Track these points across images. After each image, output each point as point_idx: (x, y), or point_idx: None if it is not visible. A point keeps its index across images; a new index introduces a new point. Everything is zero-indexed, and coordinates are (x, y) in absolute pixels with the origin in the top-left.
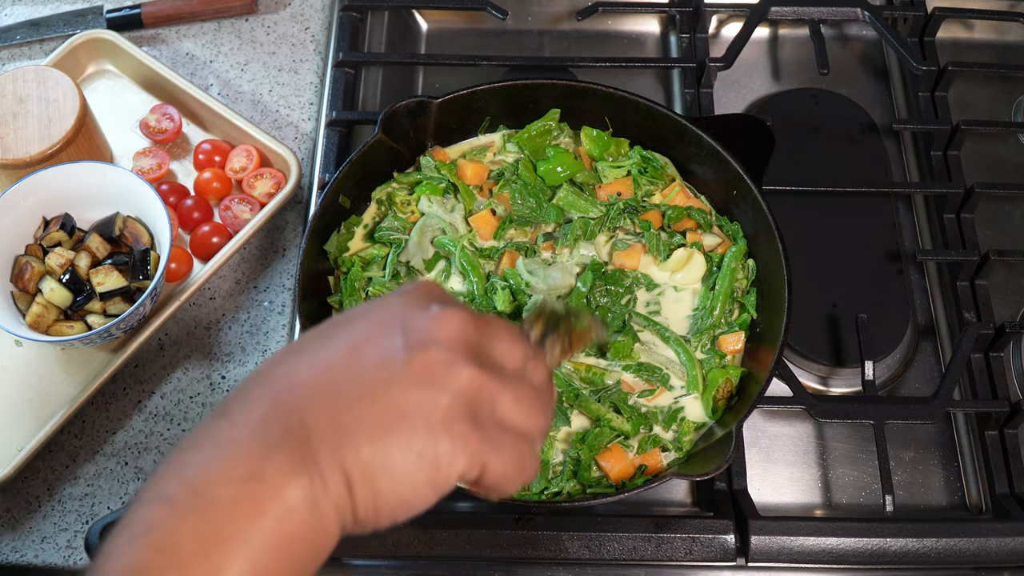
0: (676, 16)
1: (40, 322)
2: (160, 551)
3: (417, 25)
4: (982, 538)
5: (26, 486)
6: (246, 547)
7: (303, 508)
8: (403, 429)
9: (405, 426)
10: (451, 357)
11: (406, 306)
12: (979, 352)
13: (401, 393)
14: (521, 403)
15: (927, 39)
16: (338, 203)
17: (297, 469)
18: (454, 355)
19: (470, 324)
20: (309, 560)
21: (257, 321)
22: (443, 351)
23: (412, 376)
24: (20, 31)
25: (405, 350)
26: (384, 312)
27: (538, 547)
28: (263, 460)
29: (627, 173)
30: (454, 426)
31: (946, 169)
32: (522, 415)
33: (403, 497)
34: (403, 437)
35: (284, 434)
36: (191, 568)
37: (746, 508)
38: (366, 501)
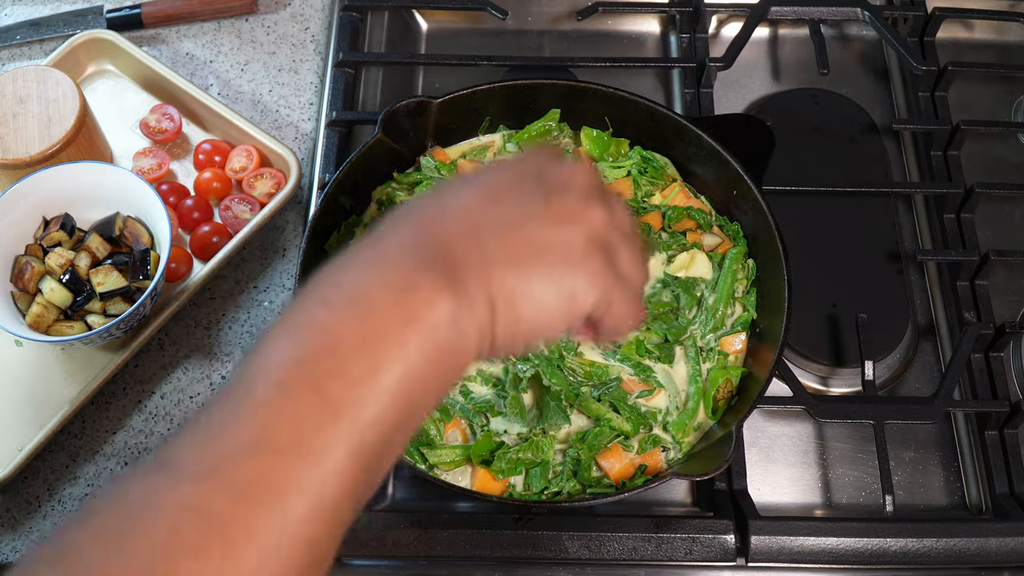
0: (676, 16)
1: (40, 322)
2: (322, 345)
3: (417, 25)
4: (982, 538)
5: (26, 486)
6: (402, 348)
7: (449, 323)
8: (545, 261)
9: (547, 258)
10: (585, 200)
11: (540, 159)
12: (979, 352)
13: (543, 229)
14: (635, 255)
15: (927, 39)
16: (338, 203)
17: (447, 287)
18: (587, 199)
19: (597, 179)
20: (450, 372)
21: (257, 321)
22: (577, 195)
23: (553, 214)
24: (20, 31)
25: (544, 192)
26: (520, 164)
27: (538, 547)
28: (417, 275)
29: (627, 174)
30: (590, 262)
31: (946, 169)
32: (635, 266)
33: (540, 323)
34: (545, 268)
35: (434, 256)
36: (351, 363)
37: (746, 508)
38: (507, 325)
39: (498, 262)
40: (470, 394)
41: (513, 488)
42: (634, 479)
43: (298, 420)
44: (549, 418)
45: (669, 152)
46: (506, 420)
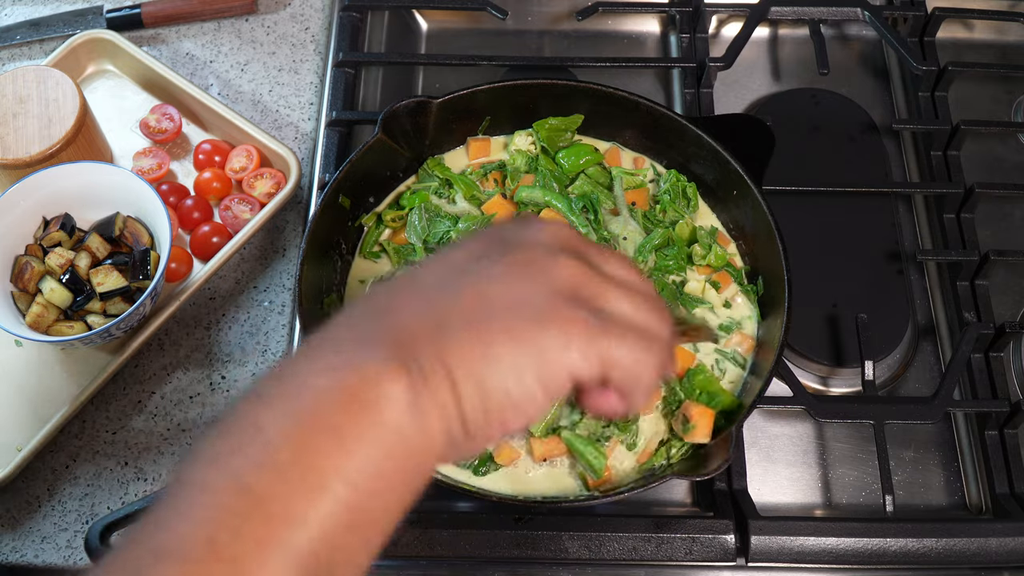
0: (676, 16)
1: (40, 322)
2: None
3: (417, 25)
4: (982, 538)
5: (26, 486)
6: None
7: (404, 408)
8: (505, 320)
9: (507, 317)
10: (552, 253)
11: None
12: (979, 352)
13: (502, 286)
14: (637, 303)
15: (927, 39)
16: (338, 203)
17: (394, 362)
18: (557, 251)
19: (574, 234)
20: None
21: (257, 321)
22: (541, 246)
23: (512, 270)
24: (20, 31)
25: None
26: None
27: (538, 547)
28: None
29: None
30: (559, 312)
31: (946, 169)
32: (640, 313)
33: (511, 396)
34: (506, 327)
35: (380, 330)
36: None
37: (746, 508)
38: (473, 401)
39: (453, 328)
40: None
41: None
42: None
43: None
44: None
45: (668, 152)
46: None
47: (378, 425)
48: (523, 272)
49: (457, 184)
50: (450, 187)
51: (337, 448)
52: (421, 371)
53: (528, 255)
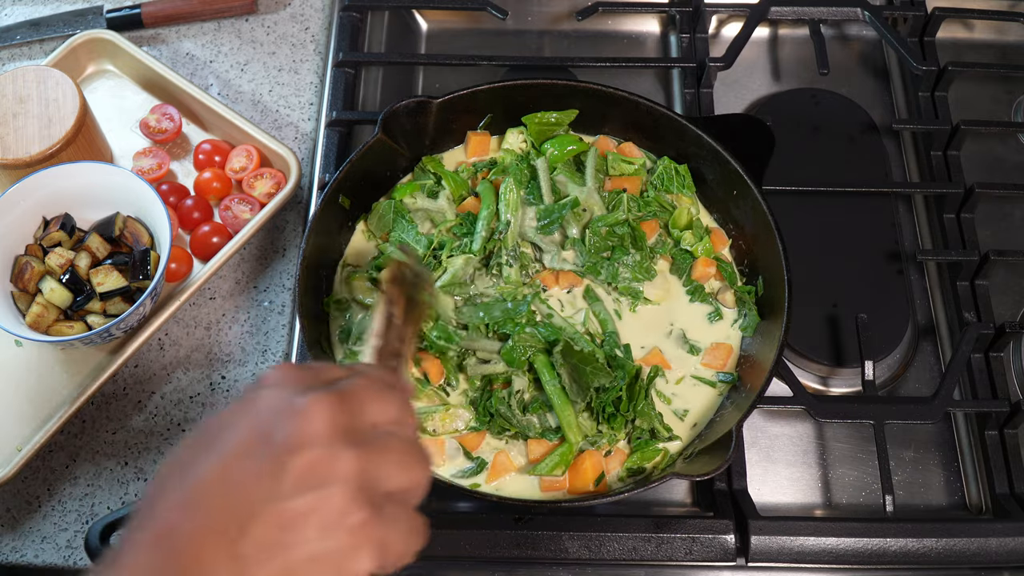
0: (676, 16)
1: (40, 322)
2: None
3: (417, 25)
4: (982, 538)
5: (26, 486)
6: None
7: None
8: (299, 540)
9: (300, 537)
10: (328, 450)
11: (272, 405)
12: (979, 352)
13: (289, 504)
14: (405, 463)
15: (927, 39)
16: (338, 203)
17: None
18: (331, 446)
19: (337, 406)
20: None
21: (257, 321)
22: (319, 448)
23: (295, 483)
24: (20, 31)
25: (280, 457)
26: (253, 417)
27: (538, 547)
28: None
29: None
30: (349, 519)
31: (946, 169)
32: (410, 475)
33: None
34: (301, 547)
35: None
36: None
37: (746, 508)
38: None
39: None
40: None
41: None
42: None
43: None
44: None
45: (668, 152)
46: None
47: None
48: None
49: (447, 181)
50: (440, 183)
51: None
52: None
53: (309, 458)
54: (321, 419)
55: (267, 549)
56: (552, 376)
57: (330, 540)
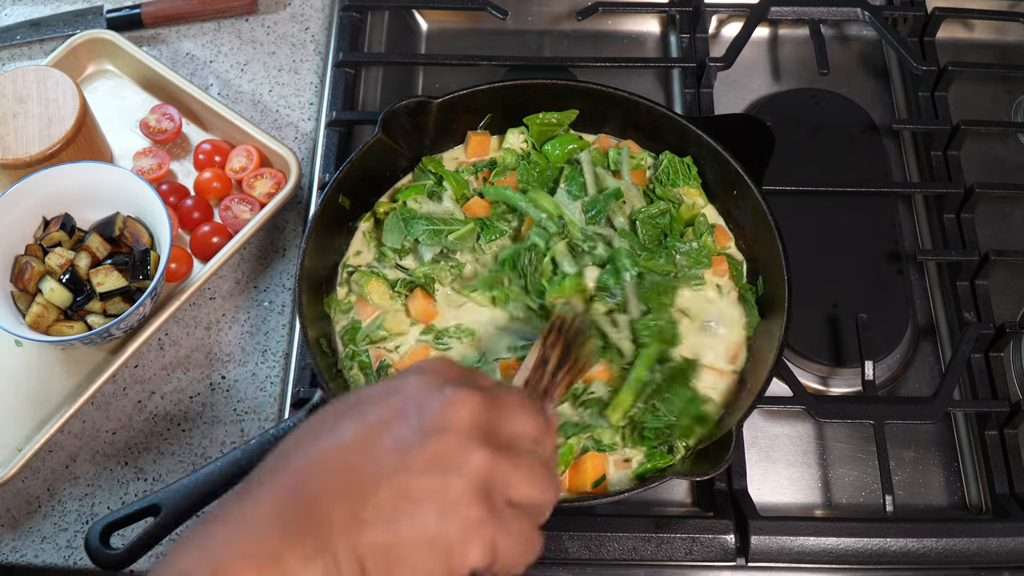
0: (676, 16)
1: (40, 322)
2: None
3: (417, 25)
4: (982, 538)
5: (26, 486)
6: None
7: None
8: (416, 517)
9: (419, 513)
10: (464, 442)
11: (420, 389)
12: (979, 352)
13: (415, 480)
14: (534, 480)
15: (927, 39)
16: (338, 203)
17: (313, 555)
18: (467, 440)
19: (482, 406)
20: None
21: (257, 321)
22: (456, 436)
23: (426, 462)
24: (20, 31)
25: (419, 436)
26: (398, 396)
27: None
28: (283, 543)
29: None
30: (467, 512)
31: (946, 169)
32: (535, 492)
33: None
34: (416, 524)
35: (303, 520)
36: None
37: (746, 508)
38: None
39: (368, 522)
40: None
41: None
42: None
43: None
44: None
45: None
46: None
47: None
48: (436, 465)
49: (448, 181)
50: (441, 184)
51: None
52: (336, 564)
53: (444, 444)
54: (465, 412)
55: (384, 517)
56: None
57: (443, 525)
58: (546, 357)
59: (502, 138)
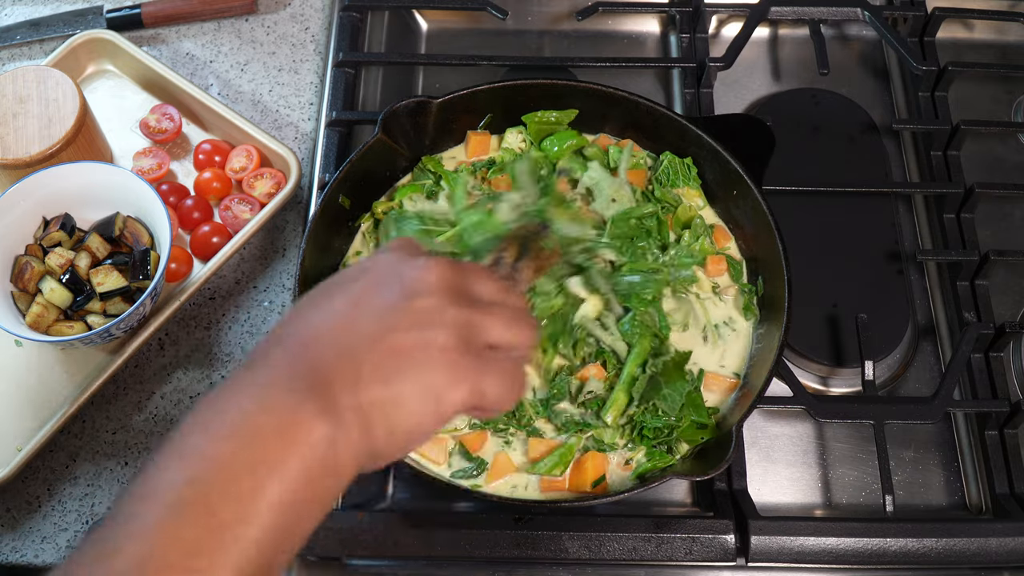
0: (676, 16)
1: (40, 322)
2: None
3: (417, 25)
4: (982, 538)
5: (26, 486)
6: (283, 471)
7: (327, 445)
8: (408, 367)
9: (409, 364)
10: (439, 301)
11: (394, 261)
12: (979, 352)
13: (401, 337)
14: (508, 323)
15: (927, 39)
16: (338, 203)
17: (322, 411)
18: (442, 298)
19: (450, 270)
20: (329, 490)
21: (257, 321)
22: (432, 297)
23: (409, 321)
24: (20, 31)
25: (400, 300)
26: (376, 270)
27: (538, 547)
28: (295, 401)
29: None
30: (450, 359)
31: (946, 169)
32: (510, 332)
33: (413, 428)
34: (408, 375)
35: (310, 381)
36: (237, 485)
37: (746, 508)
38: (383, 436)
39: (366, 378)
40: None
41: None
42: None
43: (186, 540)
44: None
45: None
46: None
47: (304, 457)
48: (419, 321)
49: (447, 181)
50: (440, 184)
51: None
52: (340, 416)
53: (422, 303)
54: (436, 275)
55: (379, 373)
56: (641, 362)
57: (430, 373)
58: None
59: (502, 138)
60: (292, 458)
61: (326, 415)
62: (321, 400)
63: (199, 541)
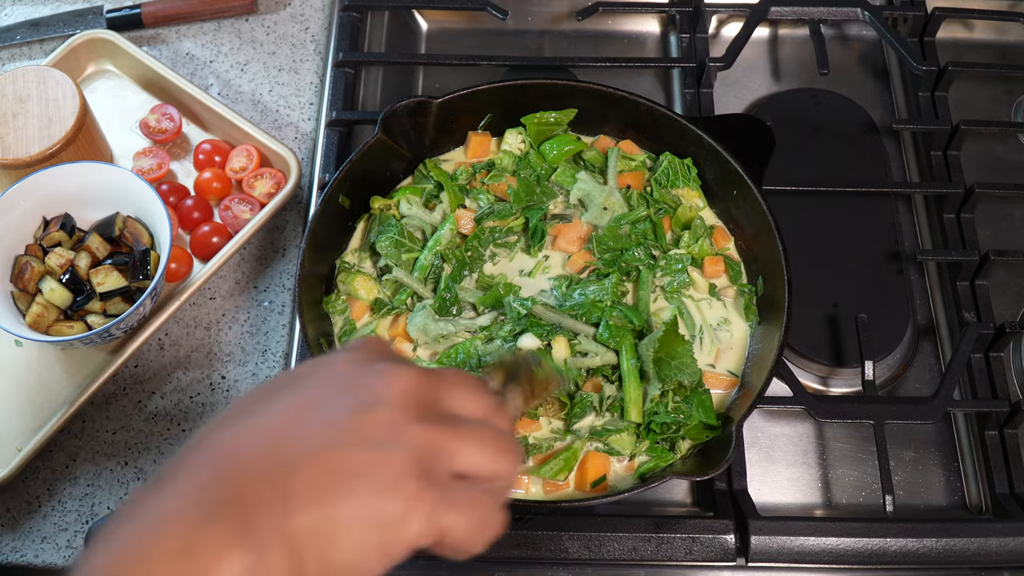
0: (676, 16)
1: (40, 322)
2: None
3: (417, 25)
4: (982, 538)
5: (26, 486)
6: None
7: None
8: (348, 492)
9: (350, 489)
10: (398, 415)
11: (351, 365)
12: (979, 352)
13: (346, 454)
14: (484, 447)
15: (927, 39)
16: (338, 203)
17: (234, 542)
18: (401, 412)
19: (417, 380)
20: None
21: (257, 321)
22: (389, 409)
23: (358, 436)
24: (20, 31)
25: (350, 411)
26: (328, 372)
27: (538, 547)
28: (198, 533)
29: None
30: (404, 486)
31: (946, 169)
32: (483, 461)
33: (350, 562)
34: (349, 501)
35: (223, 503)
36: None
37: (746, 508)
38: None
39: (296, 501)
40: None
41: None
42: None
43: None
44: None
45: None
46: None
47: None
48: (370, 437)
49: (448, 193)
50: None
51: None
52: (264, 549)
53: (377, 417)
54: (398, 385)
55: (314, 494)
56: (632, 356)
57: (377, 501)
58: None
59: (502, 139)
60: None
61: (240, 546)
62: (235, 527)
63: None
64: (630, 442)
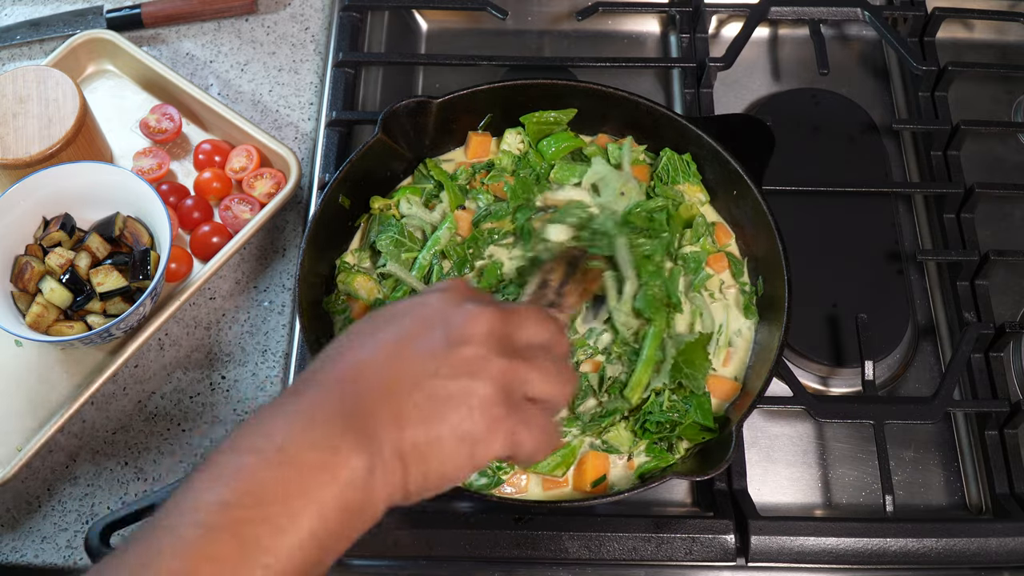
0: (676, 16)
1: (40, 322)
2: (247, 491)
3: (417, 25)
4: (982, 538)
5: (26, 486)
6: (318, 502)
7: (363, 483)
8: (448, 415)
9: (449, 412)
10: (484, 351)
11: (444, 304)
12: (979, 352)
13: (445, 384)
14: (548, 378)
15: (927, 39)
16: (338, 203)
17: (362, 448)
18: (487, 349)
19: (498, 318)
20: (359, 524)
21: (257, 321)
22: (477, 346)
23: (453, 369)
24: (20, 31)
25: (446, 346)
26: (425, 310)
27: (538, 547)
28: (339, 437)
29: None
30: (490, 410)
31: (946, 169)
32: (549, 387)
33: (447, 472)
34: (448, 422)
35: (353, 419)
36: (273, 513)
37: (746, 508)
38: (418, 477)
39: (407, 420)
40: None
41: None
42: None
43: (218, 562)
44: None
45: None
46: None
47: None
48: (462, 371)
49: (448, 193)
50: (440, 193)
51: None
52: (380, 453)
53: (467, 352)
54: (483, 325)
55: (420, 416)
56: (657, 346)
57: (470, 422)
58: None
59: (501, 139)
60: (329, 492)
61: (366, 450)
62: (363, 435)
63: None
64: (628, 439)
